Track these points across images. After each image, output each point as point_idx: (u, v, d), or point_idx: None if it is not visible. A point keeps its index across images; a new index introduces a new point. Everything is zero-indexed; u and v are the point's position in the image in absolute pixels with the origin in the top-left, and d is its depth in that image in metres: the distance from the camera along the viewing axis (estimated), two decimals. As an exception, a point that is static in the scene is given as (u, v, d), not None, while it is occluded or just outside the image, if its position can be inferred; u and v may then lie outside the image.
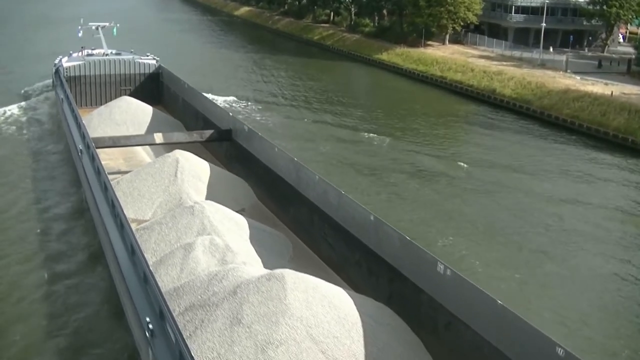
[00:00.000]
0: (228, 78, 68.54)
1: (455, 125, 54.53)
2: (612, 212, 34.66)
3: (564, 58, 71.22)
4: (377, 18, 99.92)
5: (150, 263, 20.46)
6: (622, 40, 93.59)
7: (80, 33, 56.54)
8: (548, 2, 77.78)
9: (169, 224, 24.75)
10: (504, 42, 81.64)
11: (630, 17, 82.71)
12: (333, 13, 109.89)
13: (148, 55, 53.16)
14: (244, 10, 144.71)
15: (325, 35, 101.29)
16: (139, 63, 51.90)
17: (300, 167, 27.62)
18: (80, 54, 53.03)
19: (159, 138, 35.83)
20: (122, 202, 24.18)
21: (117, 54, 53.08)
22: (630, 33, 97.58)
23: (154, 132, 37.87)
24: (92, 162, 28.73)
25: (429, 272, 18.90)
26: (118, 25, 58.70)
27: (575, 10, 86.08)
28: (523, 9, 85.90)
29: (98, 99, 50.16)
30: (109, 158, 36.03)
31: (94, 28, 56.61)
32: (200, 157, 33.44)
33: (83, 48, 54.01)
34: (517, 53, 76.84)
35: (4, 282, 24.23)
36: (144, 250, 20.47)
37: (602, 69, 70.34)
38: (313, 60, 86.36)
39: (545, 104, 56.45)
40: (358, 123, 51.91)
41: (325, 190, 25.23)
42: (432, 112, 58.46)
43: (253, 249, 24.25)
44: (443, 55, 76.73)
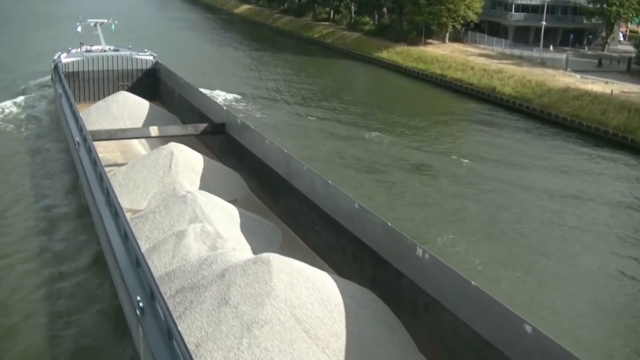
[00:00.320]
0: (228, 76, 68.41)
1: (456, 124, 54.50)
2: (613, 209, 34.65)
3: (564, 56, 71.22)
4: (377, 16, 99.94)
5: (144, 249, 21.12)
6: (622, 39, 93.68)
7: (79, 29, 56.79)
8: (548, 0, 77.74)
9: (162, 213, 25.53)
10: (504, 40, 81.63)
11: (631, 15, 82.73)
12: (333, 11, 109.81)
13: (145, 52, 53.46)
14: (244, 9, 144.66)
15: (325, 34, 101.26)
16: (137, 59, 52.19)
17: (290, 158, 28.23)
18: (79, 50, 53.22)
19: (155, 131, 36.46)
20: (117, 192, 25.00)
21: (115, 50, 53.32)
22: (631, 31, 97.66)
23: (150, 125, 38.42)
24: (88, 153, 29.43)
25: (409, 256, 19.52)
26: (116, 22, 58.93)
27: (576, 9, 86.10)
28: (523, 7, 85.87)
29: (96, 94, 50.48)
30: (106, 151, 36.70)
31: (93, 25, 56.74)
32: (195, 149, 34.05)
33: (81, 44, 54.24)
34: (517, 51, 76.83)
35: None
36: (138, 238, 21.23)
37: (602, 68, 70.36)
38: (313, 59, 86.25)
39: (545, 103, 56.44)
40: (358, 121, 51.78)
41: (314, 181, 25.92)
42: (432, 110, 58.39)
43: (243, 237, 24.85)
44: (443, 54, 76.67)
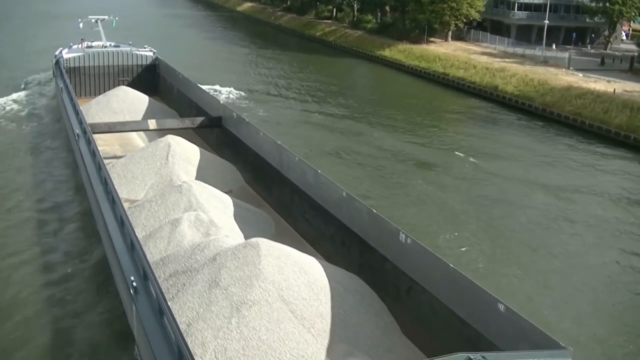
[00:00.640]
0: (231, 74, 68.33)
1: (458, 122, 54.50)
2: (614, 207, 34.75)
3: (567, 55, 71.26)
4: (379, 14, 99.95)
5: (140, 237, 22.04)
6: (624, 38, 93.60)
7: (81, 25, 57.42)
8: (551, -1, 77.80)
9: (159, 202, 26.40)
10: (507, 39, 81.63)
11: (633, 14, 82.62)
12: (335, 9, 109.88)
13: (145, 48, 54.19)
14: (247, 6, 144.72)
15: (328, 32, 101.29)
16: (137, 55, 52.93)
17: (283, 150, 28.87)
18: (80, 46, 53.91)
19: (153, 124, 37.30)
20: (116, 183, 26.08)
21: (115, 46, 54.04)
22: (633, 30, 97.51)
23: (149, 119, 39.32)
24: (88, 145, 30.23)
25: (393, 241, 20.17)
26: (117, 19, 59.68)
27: (578, 8, 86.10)
28: (526, 6, 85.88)
29: (97, 89, 51.19)
30: (106, 144, 37.53)
31: (94, 21, 57.58)
32: (192, 142, 34.82)
33: (83, 40, 54.86)
34: (519, 50, 76.78)
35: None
36: (135, 225, 22.21)
37: (604, 67, 70.35)
38: (315, 57, 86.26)
39: (548, 101, 56.45)
40: (359, 119, 51.88)
41: (304, 171, 26.62)
42: (434, 108, 58.46)
43: (236, 225, 25.53)
44: (445, 52, 76.68)
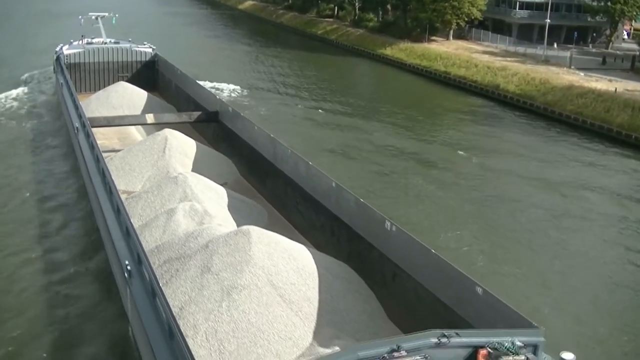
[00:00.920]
0: (233, 72, 68.51)
1: (459, 120, 54.45)
2: (615, 205, 34.82)
3: (568, 54, 71.26)
4: (381, 13, 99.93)
5: (137, 226, 22.69)
6: (626, 37, 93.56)
7: (82, 21, 58.04)
8: (552, -2, 77.75)
9: (155, 193, 27.21)
10: (508, 37, 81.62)
11: (635, 13, 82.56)
12: (337, 7, 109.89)
13: (145, 44, 55.01)
14: (248, 4, 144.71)
15: (329, 30, 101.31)
16: (136, 51, 53.68)
17: (276, 143, 29.60)
18: (80, 43, 54.59)
19: (150, 118, 38.20)
20: (114, 175, 26.90)
21: (115, 43, 54.74)
22: (635, 30, 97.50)
23: (147, 114, 40.20)
24: (87, 138, 31.06)
25: (379, 229, 20.85)
26: (117, 16, 60.29)
27: (580, 7, 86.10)
28: (527, 5, 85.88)
29: (96, 85, 51.78)
30: (105, 138, 38.40)
31: (94, 18, 58.20)
32: (189, 136, 35.52)
33: (83, 37, 55.52)
34: (521, 49, 76.74)
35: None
36: (131, 215, 22.99)
37: (606, 66, 70.34)
38: (317, 55, 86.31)
39: (549, 100, 56.50)
40: (361, 118, 51.96)
41: (297, 162, 27.35)
42: (435, 107, 58.51)
43: (230, 215, 26.27)
44: (447, 51, 76.71)
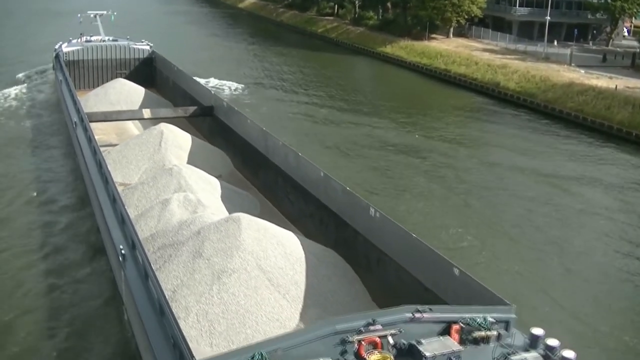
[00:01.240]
0: (231, 71, 68.55)
1: (459, 118, 54.42)
2: (618, 203, 34.84)
3: (568, 51, 71.18)
4: (381, 11, 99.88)
5: (132, 216, 23.40)
6: (626, 34, 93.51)
7: (81, 19, 58.63)
8: (552, -5, 77.64)
9: (150, 184, 28.24)
10: (508, 35, 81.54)
11: (635, 10, 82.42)
12: (337, 6, 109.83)
13: (143, 42, 55.82)
14: (248, 3, 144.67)
15: (329, 28, 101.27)
16: (134, 48, 54.61)
17: (268, 135, 30.58)
18: (79, 40, 55.32)
19: (147, 113, 39.23)
20: (111, 167, 27.85)
21: (113, 40, 55.54)
22: (635, 27, 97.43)
23: (144, 109, 41.08)
24: (85, 132, 31.93)
25: (364, 216, 21.76)
26: (115, 13, 61.21)
27: (580, 4, 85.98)
28: (527, 2, 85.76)
29: (95, 82, 52.65)
30: (103, 133, 39.21)
31: (92, 16, 59.07)
32: (185, 131, 36.41)
33: (82, 35, 56.22)
34: (521, 46, 76.68)
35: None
36: (127, 205, 23.76)
37: (606, 63, 70.29)
38: (317, 54, 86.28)
39: (550, 98, 56.48)
40: (361, 115, 52.03)
41: (287, 154, 28.28)
42: (436, 105, 58.50)
43: (223, 205, 27.12)
44: (447, 49, 76.65)
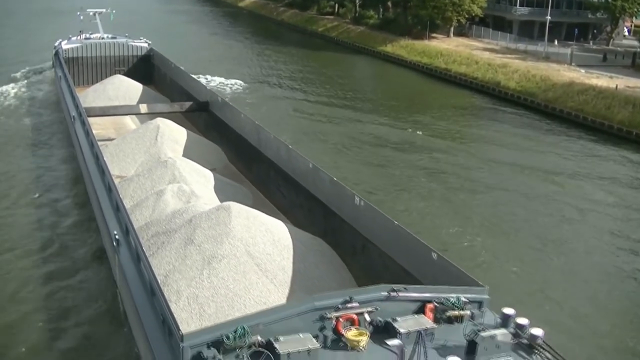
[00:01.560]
0: (232, 70, 68.56)
1: (461, 117, 54.50)
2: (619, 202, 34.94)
3: (569, 51, 71.22)
4: (381, 10, 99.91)
5: (128, 206, 24.06)
6: (627, 34, 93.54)
7: (81, 17, 58.98)
8: (553, -6, 77.63)
9: (146, 176, 28.99)
10: (509, 34, 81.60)
11: (636, 10, 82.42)
12: (337, 5, 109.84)
13: (141, 39, 56.63)
14: (249, 2, 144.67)
15: (330, 27, 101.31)
16: (132, 46, 55.55)
17: (260, 129, 31.41)
18: (79, 38, 55.95)
19: (144, 108, 40.09)
20: (108, 161, 28.72)
21: (112, 38, 56.26)
22: (636, 26, 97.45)
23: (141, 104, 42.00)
24: (82, 126, 32.70)
25: (349, 204, 22.52)
26: (114, 11, 61.65)
27: (580, 3, 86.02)
28: (528, 2, 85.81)
29: (94, 78, 53.42)
30: (101, 128, 40.10)
31: (92, 14, 59.55)
32: (181, 126, 37.16)
33: (81, 32, 56.72)
34: (521, 46, 76.76)
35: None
36: (123, 197, 24.61)
37: (606, 62, 70.34)
38: (317, 53, 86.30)
39: (550, 97, 56.52)
40: (362, 113, 52.12)
41: (278, 147, 29.07)
42: (436, 104, 58.51)
43: (216, 197, 27.74)
44: (447, 48, 76.70)
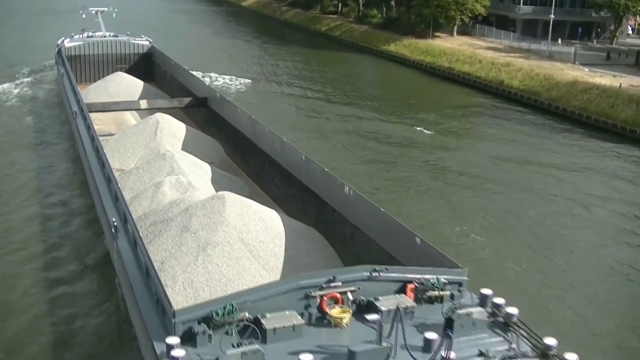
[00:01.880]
0: (235, 68, 68.70)
1: (464, 116, 54.58)
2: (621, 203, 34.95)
3: (572, 50, 71.17)
4: (385, 9, 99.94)
5: (127, 198, 24.79)
6: (630, 32, 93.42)
7: (84, 15, 59.88)
8: (556, -7, 77.62)
9: (145, 168, 29.82)
10: (512, 33, 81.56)
11: (639, 8, 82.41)
12: (341, 4, 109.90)
13: (142, 37, 57.49)
14: (252, 1, 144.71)
15: (333, 26, 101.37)
16: (133, 44, 56.42)
17: (256, 123, 32.33)
18: (81, 36, 56.79)
19: (144, 104, 41.05)
20: (109, 155, 29.61)
21: (114, 36, 57.05)
22: (639, 25, 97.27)
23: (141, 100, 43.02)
24: (84, 121, 33.52)
25: (339, 194, 23.34)
26: (116, 10, 62.54)
27: (584, 2, 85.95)
28: (531, 1, 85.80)
29: (95, 76, 54.18)
30: (102, 124, 41.12)
31: (94, 12, 60.31)
32: (180, 121, 38.08)
33: (83, 31, 57.51)
34: (525, 45, 76.78)
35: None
36: (123, 189, 25.22)
37: (610, 61, 70.29)
38: (320, 52, 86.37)
39: (553, 96, 56.52)
40: (366, 111, 52.25)
41: (273, 140, 29.95)
42: (439, 103, 58.54)
43: (213, 188, 28.40)
44: (451, 47, 76.74)
